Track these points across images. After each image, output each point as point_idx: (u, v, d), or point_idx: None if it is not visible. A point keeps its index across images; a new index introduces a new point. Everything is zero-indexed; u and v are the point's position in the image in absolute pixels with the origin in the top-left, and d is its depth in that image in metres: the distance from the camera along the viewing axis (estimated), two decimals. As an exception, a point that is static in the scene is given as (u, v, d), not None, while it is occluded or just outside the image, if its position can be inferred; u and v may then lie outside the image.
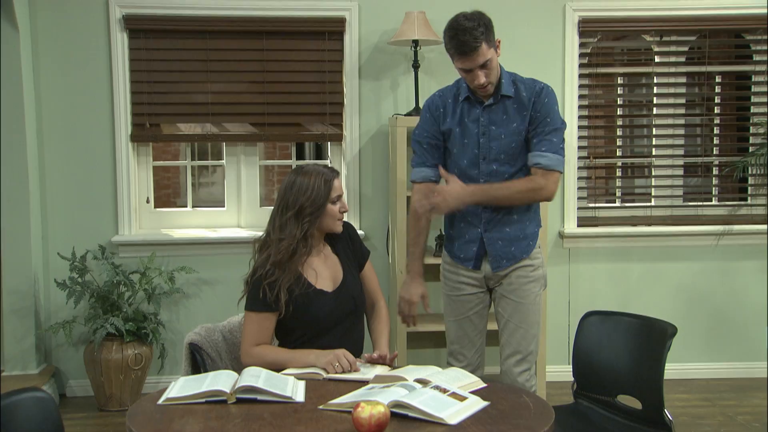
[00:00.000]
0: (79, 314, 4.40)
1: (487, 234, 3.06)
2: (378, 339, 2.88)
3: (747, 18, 4.71)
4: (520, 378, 3.09)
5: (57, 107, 4.49)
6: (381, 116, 4.63)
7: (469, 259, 3.10)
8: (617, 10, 4.68)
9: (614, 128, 5.03)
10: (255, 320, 2.71)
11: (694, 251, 4.83)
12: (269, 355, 2.66)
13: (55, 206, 4.53)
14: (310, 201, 2.71)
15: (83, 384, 4.55)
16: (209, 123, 4.60)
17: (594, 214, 4.82)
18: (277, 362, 2.61)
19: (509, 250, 3.07)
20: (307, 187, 2.72)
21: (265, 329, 2.71)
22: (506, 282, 3.10)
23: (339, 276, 2.82)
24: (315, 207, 2.72)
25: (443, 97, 3.11)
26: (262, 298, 2.68)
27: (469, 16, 2.89)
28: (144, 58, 4.52)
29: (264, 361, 2.60)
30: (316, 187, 2.72)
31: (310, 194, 2.71)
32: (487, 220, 3.05)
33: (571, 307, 4.77)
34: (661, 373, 2.67)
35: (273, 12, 4.52)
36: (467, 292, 3.14)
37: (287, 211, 2.73)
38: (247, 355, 2.69)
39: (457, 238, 3.14)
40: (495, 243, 3.06)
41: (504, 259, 3.07)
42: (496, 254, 3.07)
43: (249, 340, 2.70)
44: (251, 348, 2.69)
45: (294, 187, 2.74)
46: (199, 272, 4.56)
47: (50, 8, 4.42)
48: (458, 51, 2.89)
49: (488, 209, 3.05)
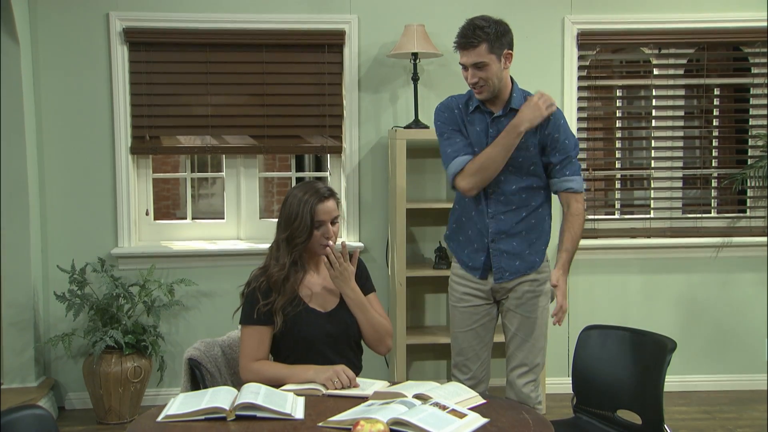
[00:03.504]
0: (79, 327, 4.40)
1: (493, 245, 3.06)
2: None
3: (745, 31, 4.73)
4: (525, 389, 3.10)
5: (57, 119, 4.49)
6: (380, 128, 4.64)
7: (477, 268, 3.10)
8: (616, 23, 4.69)
9: (613, 140, 5.03)
10: (251, 334, 2.71)
11: (693, 263, 4.84)
12: (268, 371, 2.66)
13: (54, 219, 4.53)
14: (298, 231, 2.73)
15: (82, 397, 4.54)
16: (209, 135, 4.60)
17: (593, 226, 4.83)
18: (276, 378, 2.60)
19: (513, 264, 3.07)
20: (296, 215, 2.73)
21: (261, 343, 2.71)
22: (513, 296, 3.10)
23: (337, 299, 2.81)
24: (302, 236, 2.73)
25: (454, 102, 3.14)
26: (256, 312, 2.69)
27: (487, 18, 2.97)
28: (144, 71, 4.53)
29: (263, 377, 2.60)
30: (302, 215, 2.72)
31: (297, 224, 2.72)
32: (495, 231, 3.06)
33: (570, 319, 4.76)
34: (661, 388, 2.67)
35: (273, 25, 4.54)
36: (473, 304, 3.14)
37: (281, 232, 2.78)
38: (246, 371, 2.68)
39: (467, 246, 3.14)
40: (500, 255, 3.06)
41: (507, 272, 3.08)
42: (499, 266, 3.07)
43: (247, 355, 2.70)
44: (250, 363, 2.68)
45: (285, 209, 2.77)
46: (199, 284, 4.56)
47: (51, 21, 4.44)
48: (458, 43, 2.97)
49: (494, 219, 3.05)
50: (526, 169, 3.04)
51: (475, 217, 3.10)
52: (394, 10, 4.57)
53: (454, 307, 3.21)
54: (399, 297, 4.21)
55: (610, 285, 4.82)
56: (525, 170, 3.04)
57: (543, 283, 3.11)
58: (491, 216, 3.06)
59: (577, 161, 3.09)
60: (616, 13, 4.69)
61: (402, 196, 4.20)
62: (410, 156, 4.37)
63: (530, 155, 3.02)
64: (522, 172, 3.04)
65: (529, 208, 3.08)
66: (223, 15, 4.52)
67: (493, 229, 3.06)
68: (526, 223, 3.08)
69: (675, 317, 4.83)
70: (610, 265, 4.81)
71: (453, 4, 4.55)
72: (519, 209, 3.07)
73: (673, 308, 4.85)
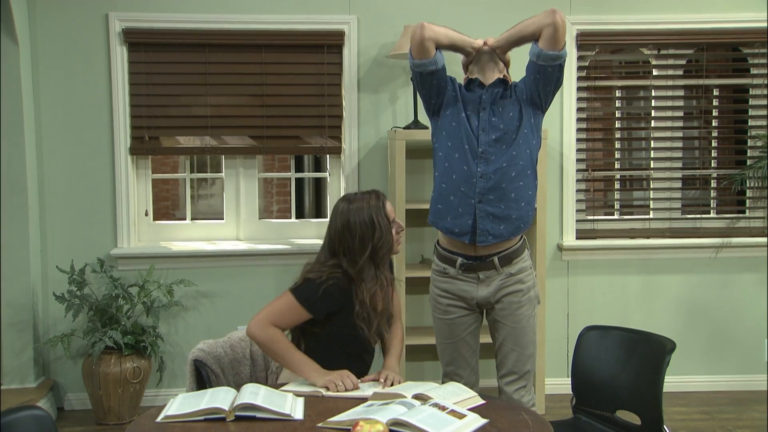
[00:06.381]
0: (78, 327, 4.40)
1: (480, 205, 3.01)
2: (388, 350, 2.87)
3: (744, 32, 4.73)
4: (516, 395, 3.08)
5: (56, 120, 4.49)
6: (380, 129, 4.64)
7: (464, 233, 3.02)
8: (615, 24, 4.69)
9: (612, 141, 5.04)
10: (292, 308, 2.66)
11: (692, 264, 4.84)
12: (278, 344, 2.62)
13: (54, 219, 4.53)
14: (381, 242, 2.71)
15: (81, 397, 4.54)
16: (208, 136, 4.61)
17: (593, 227, 4.83)
18: (281, 355, 2.61)
19: (498, 227, 3.01)
20: (374, 226, 2.70)
21: (292, 319, 2.68)
22: (498, 307, 3.07)
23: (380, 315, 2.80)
24: (386, 246, 2.73)
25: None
26: (318, 301, 2.65)
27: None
28: (143, 71, 4.53)
29: (271, 345, 2.59)
30: (383, 225, 2.71)
31: (379, 235, 2.70)
32: (482, 191, 3.01)
33: (570, 319, 4.77)
34: (660, 388, 2.67)
35: (272, 25, 4.54)
36: (459, 315, 3.12)
37: (359, 253, 2.70)
38: (259, 327, 2.63)
39: (448, 212, 3.07)
40: (486, 218, 3.01)
41: (491, 236, 3.01)
42: (484, 228, 3.01)
43: (271, 316, 2.64)
44: (268, 324, 2.63)
45: (352, 229, 2.70)
46: (198, 285, 4.55)
47: (50, 22, 4.44)
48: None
49: (483, 179, 3.01)
50: (515, 131, 3.05)
51: (461, 176, 3.06)
52: (394, 10, 4.58)
53: (440, 320, 3.16)
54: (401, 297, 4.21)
55: (609, 285, 4.82)
56: (514, 132, 3.05)
57: (527, 292, 3.09)
58: (480, 175, 3.03)
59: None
60: (615, 13, 4.69)
61: (401, 197, 4.20)
62: (409, 157, 4.37)
63: (520, 116, 3.06)
64: (512, 132, 3.06)
65: (518, 167, 3.05)
66: (222, 16, 4.52)
67: (481, 189, 3.00)
68: (515, 184, 3.02)
69: (674, 318, 4.83)
70: (609, 265, 4.81)
71: (452, 5, 4.55)
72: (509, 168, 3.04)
73: (673, 309, 4.85)
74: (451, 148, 3.04)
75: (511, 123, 3.02)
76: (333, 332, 2.71)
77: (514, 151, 3.00)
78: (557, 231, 4.75)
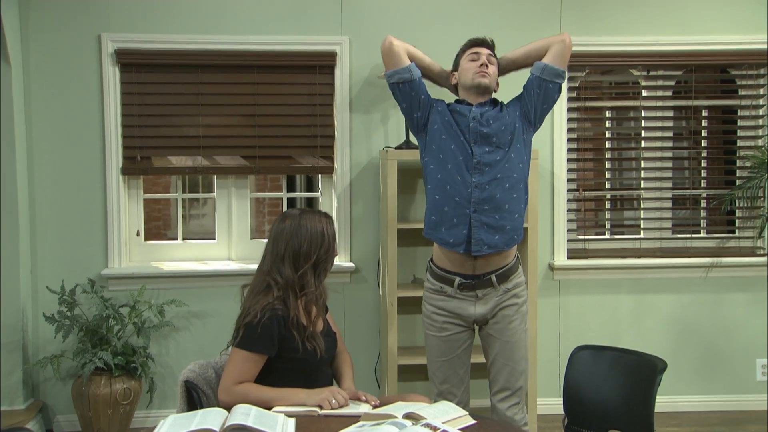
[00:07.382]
0: (68, 348, 4.37)
1: (475, 215, 3.05)
2: (342, 375, 2.90)
3: (732, 53, 4.78)
4: (509, 412, 3.09)
5: (48, 140, 4.49)
6: (371, 149, 4.65)
7: (459, 243, 3.07)
8: (605, 45, 4.73)
9: (603, 161, 5.06)
10: (247, 359, 2.64)
11: (683, 283, 4.85)
12: (253, 393, 2.60)
13: (44, 239, 4.52)
14: (327, 255, 2.74)
15: (71, 419, 4.50)
16: (200, 156, 4.61)
17: (584, 246, 4.84)
18: (262, 401, 2.55)
19: (493, 237, 3.05)
20: (323, 238, 2.73)
21: (252, 369, 2.65)
22: (492, 321, 3.10)
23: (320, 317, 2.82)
24: (330, 260, 2.76)
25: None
26: (264, 340, 2.63)
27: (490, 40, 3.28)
28: (135, 92, 4.54)
29: (247, 399, 2.54)
30: (330, 241, 2.75)
31: (326, 248, 2.73)
32: (478, 201, 3.05)
33: (561, 339, 4.77)
34: (652, 408, 2.68)
35: (264, 46, 4.56)
36: (454, 332, 3.13)
37: (300, 261, 2.71)
38: (227, 393, 2.60)
39: (443, 223, 3.11)
40: (481, 227, 3.04)
41: (486, 245, 3.05)
42: (479, 237, 3.05)
43: (232, 377, 2.62)
44: (233, 386, 2.61)
45: (296, 241, 2.72)
46: (189, 305, 4.54)
47: (42, 42, 4.45)
48: (474, 42, 3.23)
49: (478, 189, 3.05)
50: (509, 141, 3.13)
51: (455, 187, 3.10)
52: (385, 31, 4.56)
53: (435, 337, 3.17)
54: (390, 317, 4.21)
55: (600, 305, 4.83)
56: (508, 141, 3.12)
57: (521, 306, 3.12)
58: (475, 185, 3.07)
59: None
60: (605, 35, 4.73)
61: (393, 217, 4.20)
62: (401, 176, 4.38)
63: (513, 127, 3.13)
64: (505, 142, 3.12)
65: (512, 180, 3.11)
66: (214, 36, 4.53)
67: (476, 199, 3.05)
68: (509, 195, 3.08)
69: (665, 337, 4.84)
70: (600, 285, 4.82)
71: (444, 25, 4.59)
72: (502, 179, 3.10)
73: (664, 328, 4.85)
74: (443, 160, 3.09)
75: (503, 136, 3.08)
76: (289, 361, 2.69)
77: (507, 164, 3.07)
78: (548, 250, 4.76)
